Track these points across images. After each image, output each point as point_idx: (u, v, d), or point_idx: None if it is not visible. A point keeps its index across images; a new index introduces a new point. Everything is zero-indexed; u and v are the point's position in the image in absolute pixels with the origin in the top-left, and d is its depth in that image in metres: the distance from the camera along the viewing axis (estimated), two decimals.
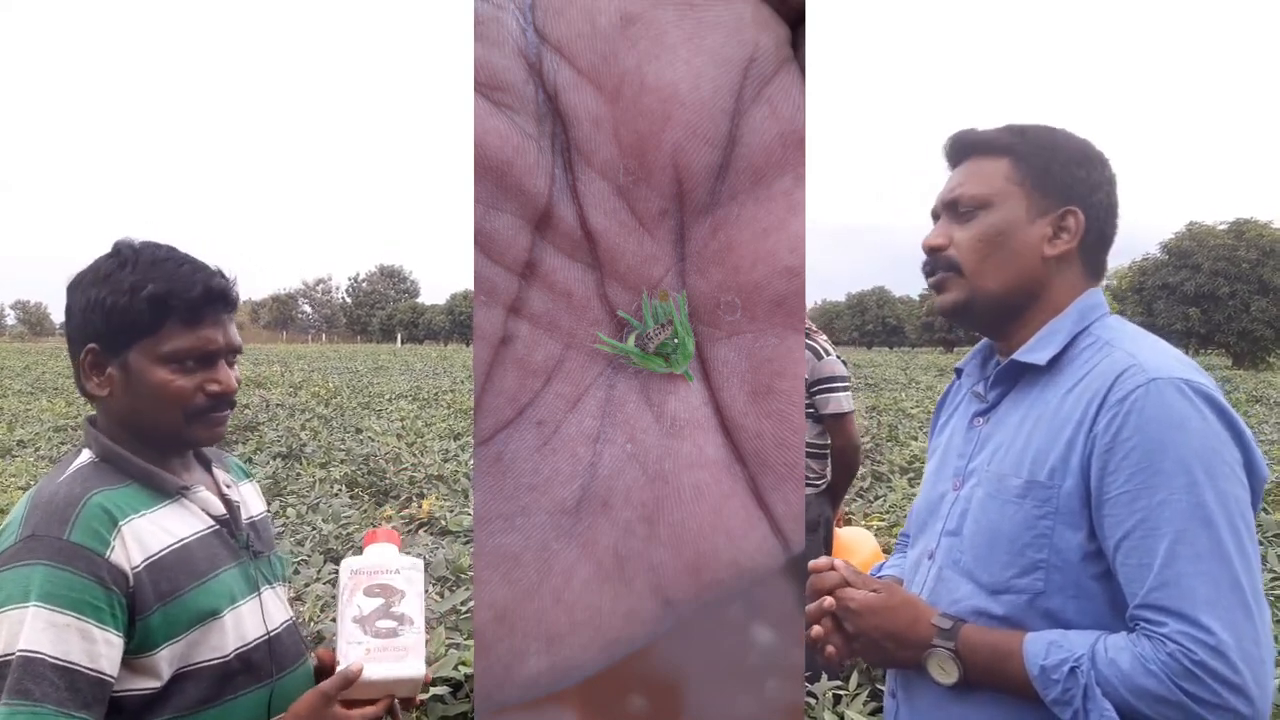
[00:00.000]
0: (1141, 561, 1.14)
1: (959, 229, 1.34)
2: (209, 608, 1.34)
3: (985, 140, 1.35)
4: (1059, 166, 1.32)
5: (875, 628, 1.29)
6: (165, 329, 1.34)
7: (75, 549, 1.24)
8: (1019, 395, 1.34)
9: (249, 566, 1.45)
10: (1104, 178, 1.35)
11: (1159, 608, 1.12)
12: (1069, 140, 1.35)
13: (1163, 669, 1.10)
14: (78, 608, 1.22)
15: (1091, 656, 1.15)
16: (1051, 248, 1.32)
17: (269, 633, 1.43)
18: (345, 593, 1.41)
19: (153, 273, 1.34)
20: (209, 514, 1.42)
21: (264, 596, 1.45)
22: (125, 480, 1.35)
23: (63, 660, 1.21)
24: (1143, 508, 1.15)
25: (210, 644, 1.34)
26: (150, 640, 1.28)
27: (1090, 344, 1.30)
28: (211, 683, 1.34)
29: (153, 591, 1.29)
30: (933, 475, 1.47)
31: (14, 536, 1.26)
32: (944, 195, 1.37)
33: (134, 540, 1.29)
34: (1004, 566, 1.25)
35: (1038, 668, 1.17)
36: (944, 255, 1.35)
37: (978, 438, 1.37)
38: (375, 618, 1.39)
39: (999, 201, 1.32)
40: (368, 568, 1.42)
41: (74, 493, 1.29)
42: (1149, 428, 1.16)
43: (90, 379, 1.36)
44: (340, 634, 1.39)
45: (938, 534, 1.37)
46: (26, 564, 1.23)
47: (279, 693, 1.42)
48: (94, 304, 1.34)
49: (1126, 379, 1.20)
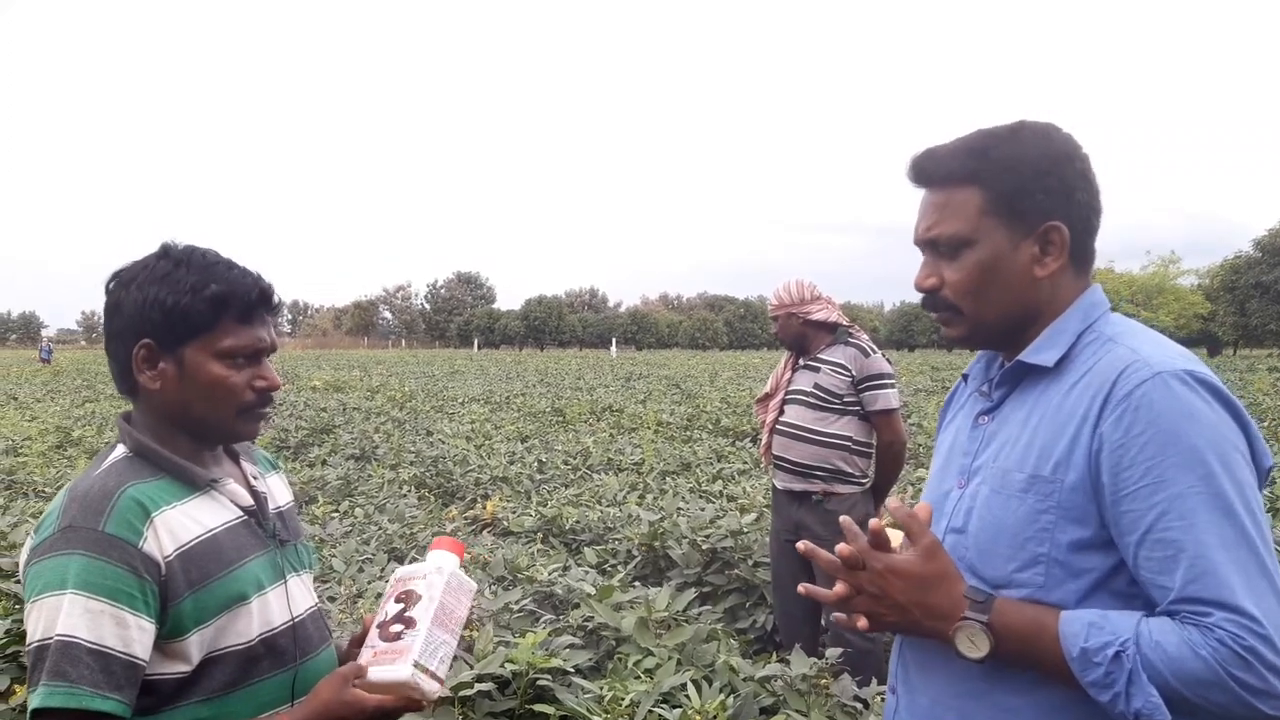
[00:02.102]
0: (1168, 554, 1.13)
1: (947, 268, 1.33)
2: (237, 594, 1.39)
3: (948, 170, 1.31)
4: (1029, 183, 1.27)
5: (904, 592, 1.23)
6: (222, 327, 1.42)
7: (110, 539, 1.30)
8: (1023, 394, 1.33)
9: (275, 555, 1.50)
10: (1076, 172, 1.29)
11: (1200, 599, 1.12)
12: (1032, 146, 1.29)
13: (1213, 655, 1.09)
14: (112, 595, 1.28)
15: (1136, 640, 1.13)
16: (1042, 268, 1.30)
17: (294, 618, 1.49)
18: (385, 599, 1.48)
19: (211, 274, 1.42)
20: (237, 505, 1.48)
21: (290, 584, 1.51)
22: (158, 474, 1.41)
23: (98, 645, 1.27)
24: (1163, 500, 1.14)
25: (237, 629, 1.39)
26: (181, 626, 1.34)
27: (1092, 340, 1.29)
28: (238, 666, 1.40)
29: (184, 579, 1.34)
30: (938, 474, 1.46)
31: (52, 528, 1.32)
32: (921, 233, 1.35)
33: (166, 531, 1.35)
34: (1006, 560, 1.25)
35: (1077, 649, 1.15)
36: (940, 297, 1.34)
37: (983, 436, 1.37)
38: (391, 623, 1.44)
39: (980, 237, 1.29)
40: (406, 574, 1.49)
41: (109, 486, 1.35)
42: (1160, 421, 1.15)
43: (143, 372, 1.43)
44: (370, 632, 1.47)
45: (943, 531, 1.36)
46: (64, 554, 1.29)
47: (303, 676, 1.48)
48: (152, 301, 1.40)
49: (1131, 374, 1.19)
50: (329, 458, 9.39)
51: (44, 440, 10.51)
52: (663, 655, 3.28)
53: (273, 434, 11.06)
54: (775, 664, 3.17)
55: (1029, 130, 1.30)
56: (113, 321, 1.44)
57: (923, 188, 1.36)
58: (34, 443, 10.26)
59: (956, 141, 1.33)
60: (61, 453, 9.76)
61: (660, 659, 3.25)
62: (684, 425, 12.90)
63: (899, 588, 1.23)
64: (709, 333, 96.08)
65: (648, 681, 2.98)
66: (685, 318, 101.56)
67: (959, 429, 1.45)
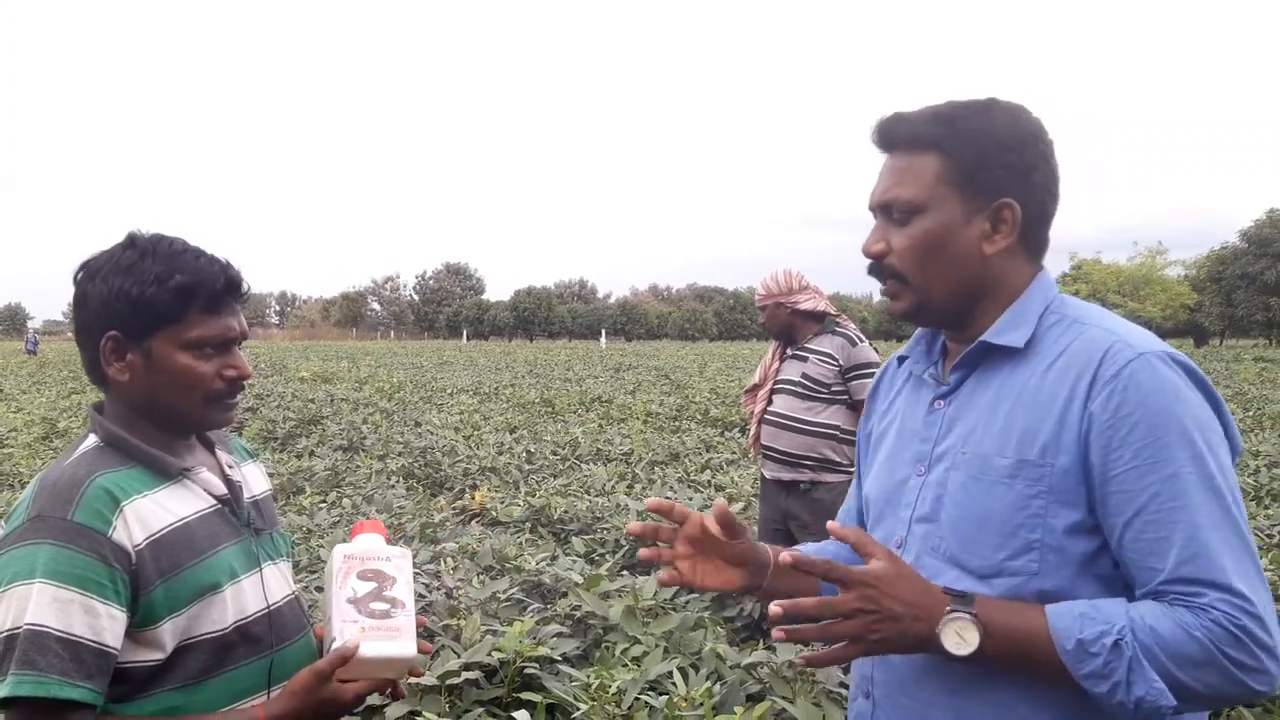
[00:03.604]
0: (1160, 535, 1.13)
1: (896, 234, 1.30)
2: (209, 583, 1.39)
3: (914, 133, 1.29)
4: (990, 158, 1.26)
5: (893, 595, 1.17)
6: (189, 317, 1.40)
7: (79, 528, 1.29)
8: (985, 376, 1.31)
9: (250, 543, 1.49)
10: (1038, 154, 1.29)
11: (1192, 579, 1.12)
12: (999, 122, 1.28)
13: (1207, 635, 1.09)
14: (81, 584, 1.28)
15: (1131, 627, 1.12)
16: (991, 245, 1.28)
17: (269, 606, 1.48)
18: (338, 576, 1.44)
19: (176, 264, 1.40)
20: (210, 494, 1.47)
21: (265, 572, 1.50)
22: (129, 463, 1.40)
23: (67, 633, 1.26)
24: (1154, 482, 1.14)
25: (211, 617, 1.39)
26: (153, 614, 1.34)
27: (1056, 322, 1.29)
28: (212, 654, 1.39)
29: (154, 568, 1.34)
30: (886, 462, 1.41)
31: (22, 517, 1.32)
32: (878, 196, 1.32)
33: (136, 520, 1.34)
34: (995, 549, 1.22)
35: (1073, 641, 1.13)
36: (887, 264, 1.32)
37: (941, 421, 1.33)
38: (369, 600, 1.43)
39: (933, 205, 1.27)
40: (360, 553, 1.47)
41: (78, 475, 1.35)
42: (1150, 401, 1.15)
43: (111, 364, 1.42)
44: (334, 613, 1.43)
45: (905, 521, 1.33)
46: (33, 543, 1.29)
47: (279, 663, 1.47)
48: (118, 293, 1.39)
49: (1115, 355, 1.19)
50: (317, 448, 9.37)
51: (30, 432, 10.47)
52: (650, 643, 3.30)
53: (260, 424, 11.03)
54: (762, 651, 3.18)
55: (999, 107, 1.30)
56: (81, 313, 1.43)
57: (886, 152, 1.34)
58: (20, 434, 10.23)
59: (926, 108, 1.32)
60: (47, 444, 9.72)
61: (647, 647, 3.26)
62: (673, 416, 12.92)
63: (889, 594, 1.16)
64: (698, 324, 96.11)
65: (635, 669, 2.99)
66: (674, 309, 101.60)
67: (904, 414, 1.42)
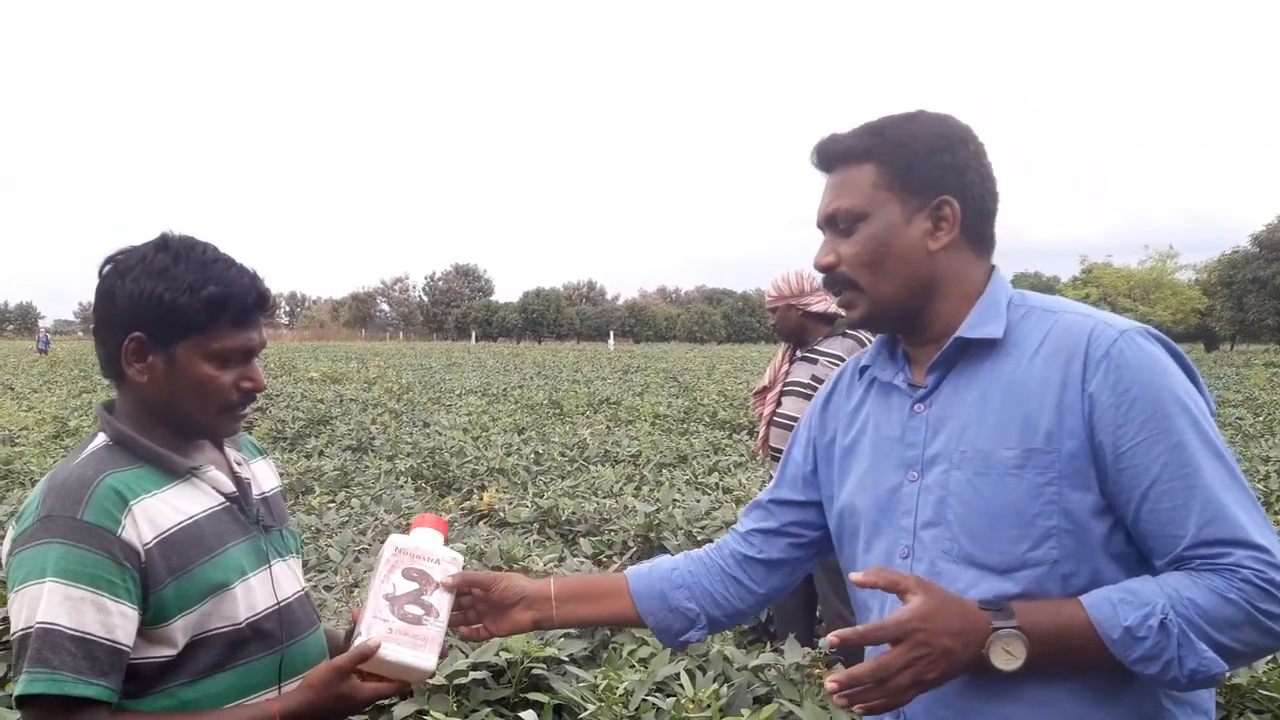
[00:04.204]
0: (1177, 503, 1.16)
1: (843, 244, 1.35)
2: (219, 580, 1.40)
3: (847, 148, 1.35)
4: (921, 159, 1.31)
5: (941, 631, 1.15)
6: (217, 328, 1.40)
7: (88, 528, 1.30)
8: (965, 373, 1.32)
9: (259, 540, 1.50)
10: (969, 154, 1.33)
11: (1217, 540, 1.15)
12: (927, 127, 1.33)
13: (1240, 595, 1.12)
14: (92, 582, 1.29)
15: (1171, 605, 1.14)
16: (934, 241, 1.32)
17: (279, 603, 1.49)
18: (384, 567, 1.42)
19: (209, 273, 1.40)
20: (219, 492, 1.47)
21: (274, 569, 1.51)
22: (137, 462, 1.41)
23: (79, 631, 1.28)
24: (1163, 451, 1.17)
25: (222, 613, 1.40)
26: (164, 612, 1.35)
27: (1026, 313, 1.32)
28: (224, 649, 1.40)
29: (164, 566, 1.35)
30: (869, 473, 1.40)
31: (32, 517, 1.33)
32: (822, 211, 1.38)
33: (144, 519, 1.35)
34: (1014, 541, 1.22)
35: (1119, 630, 1.14)
36: (839, 273, 1.36)
37: (925, 424, 1.34)
38: (405, 600, 1.41)
39: (873, 210, 1.32)
40: (412, 549, 1.45)
41: (86, 475, 1.35)
42: (1143, 376, 1.20)
43: (132, 364, 1.42)
44: (368, 605, 1.41)
45: (909, 529, 1.32)
46: (43, 543, 1.30)
47: (289, 658, 1.48)
48: (148, 295, 1.38)
49: (1100, 336, 1.23)
50: (326, 448, 9.40)
51: (41, 430, 10.51)
52: (657, 645, 3.29)
53: (270, 424, 11.07)
54: (769, 653, 3.18)
55: (925, 114, 1.35)
56: (105, 308, 1.43)
57: (826, 171, 1.39)
58: (31, 433, 10.28)
59: (858, 126, 1.37)
60: (58, 443, 9.77)
61: (654, 648, 3.26)
62: (681, 418, 12.92)
63: (937, 629, 1.15)
64: (707, 326, 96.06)
65: (642, 671, 2.99)
66: (683, 311, 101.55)
67: (877, 423, 1.41)
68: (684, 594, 1.53)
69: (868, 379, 1.47)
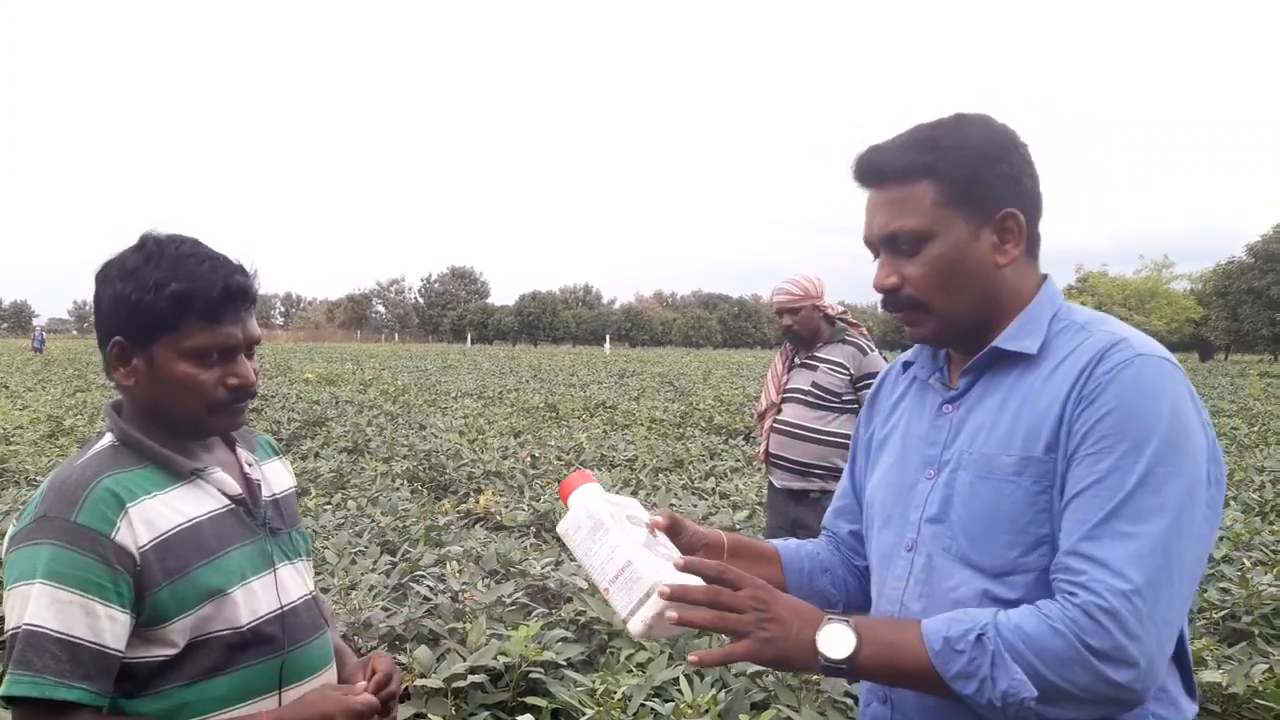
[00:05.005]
0: (1083, 517, 1.15)
1: (907, 265, 1.30)
2: (217, 585, 1.38)
3: (905, 165, 1.29)
4: (981, 172, 1.27)
5: (779, 601, 1.21)
6: (187, 326, 1.37)
7: (81, 530, 1.29)
8: (994, 380, 1.32)
9: (265, 543, 1.49)
10: (1021, 158, 1.30)
11: (1085, 555, 1.13)
12: (979, 135, 1.29)
13: (1068, 626, 1.10)
14: (81, 586, 1.28)
15: (995, 624, 1.13)
16: (1003, 256, 1.29)
17: (283, 607, 1.47)
18: (611, 521, 1.31)
19: (176, 270, 1.37)
20: (225, 493, 1.46)
21: (280, 572, 1.50)
22: (141, 463, 1.41)
23: (65, 634, 1.27)
24: (1103, 469, 1.15)
25: (224, 617, 1.39)
26: (161, 614, 1.34)
27: (1064, 328, 1.30)
28: (223, 652, 1.39)
29: (160, 569, 1.34)
30: (894, 466, 1.42)
31: (30, 517, 1.33)
32: (878, 231, 1.32)
33: (141, 521, 1.34)
34: (1007, 547, 1.23)
35: (940, 640, 1.14)
36: (903, 295, 1.32)
37: (949, 425, 1.35)
38: (652, 546, 1.32)
39: (940, 230, 1.27)
40: (616, 501, 1.36)
41: (85, 476, 1.34)
42: (1127, 396, 1.17)
43: (117, 369, 1.42)
44: (634, 557, 1.27)
45: (915, 524, 1.34)
46: (36, 543, 1.30)
47: (290, 663, 1.47)
48: (120, 298, 1.37)
49: (1114, 353, 1.21)
50: (321, 450, 9.38)
51: (36, 429, 10.49)
52: (654, 649, 3.29)
53: (265, 425, 11.05)
54: None
55: (971, 120, 1.31)
56: (95, 315, 1.43)
57: (872, 187, 1.33)
58: (26, 431, 10.24)
59: (901, 137, 1.32)
60: (53, 442, 9.74)
61: (652, 653, 3.26)
62: (677, 422, 12.92)
63: (777, 600, 1.21)
64: (703, 330, 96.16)
65: (640, 675, 2.99)
66: (679, 315, 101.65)
67: (910, 419, 1.43)
68: (828, 578, 1.54)
69: (910, 375, 1.48)
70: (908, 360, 1.50)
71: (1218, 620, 4.12)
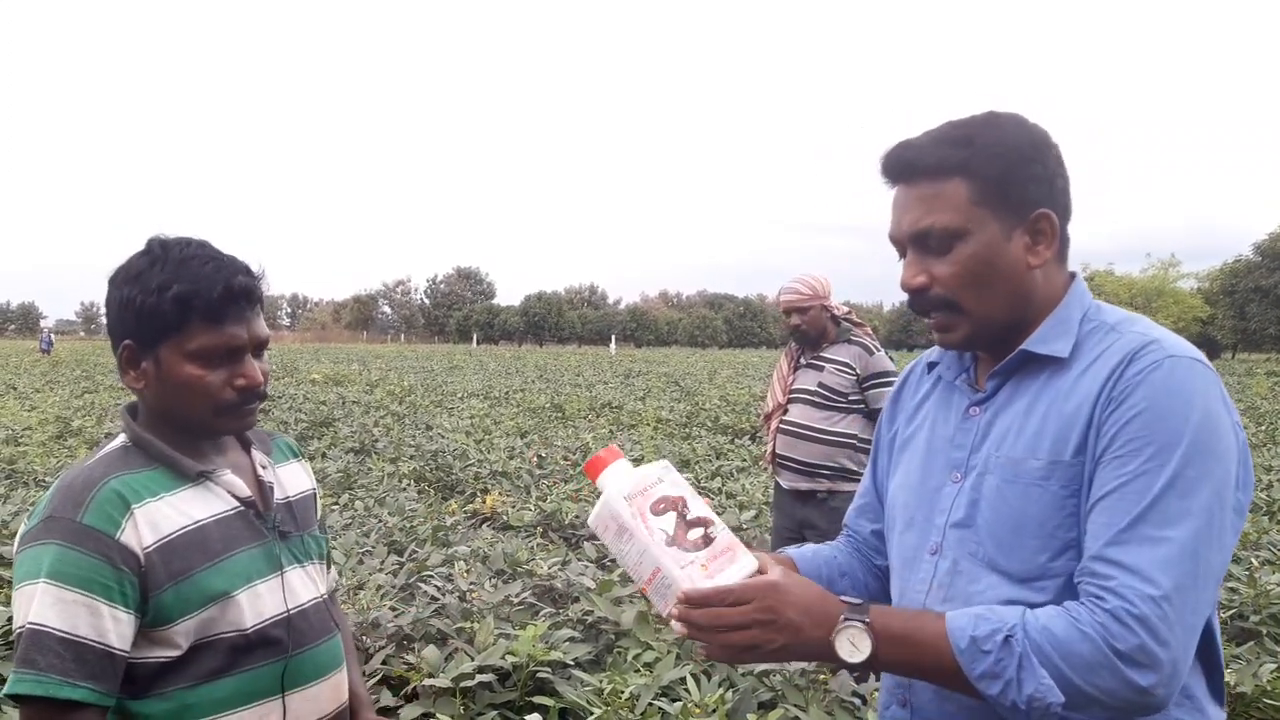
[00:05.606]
0: (1110, 521, 1.13)
1: (937, 263, 1.27)
2: (220, 588, 1.39)
3: (937, 161, 1.25)
4: (1017, 171, 1.24)
5: (790, 603, 1.18)
6: (190, 328, 1.38)
7: (86, 530, 1.30)
8: (1022, 383, 1.30)
9: (273, 546, 1.49)
10: (1054, 158, 1.27)
11: (1112, 560, 1.11)
12: (1014, 134, 1.26)
13: (1096, 630, 1.08)
14: (85, 585, 1.29)
15: (1024, 625, 1.11)
16: (1036, 257, 1.27)
17: (289, 610, 1.47)
18: (634, 521, 1.25)
19: (179, 272, 1.38)
20: (234, 496, 1.47)
21: (288, 575, 1.49)
22: (151, 464, 1.41)
23: (69, 634, 1.28)
24: (1130, 472, 1.13)
25: (229, 619, 1.39)
26: (165, 615, 1.35)
27: (1093, 329, 1.28)
28: (227, 655, 1.40)
29: (164, 571, 1.34)
30: (919, 469, 1.39)
31: (38, 517, 1.34)
32: (907, 228, 1.28)
33: (146, 523, 1.35)
34: (1035, 552, 1.21)
35: (966, 639, 1.12)
36: (933, 295, 1.28)
37: (976, 428, 1.33)
38: (683, 532, 1.26)
39: (973, 229, 1.24)
40: (636, 489, 1.28)
41: (93, 477, 1.35)
42: (1157, 398, 1.15)
43: (128, 373, 1.43)
44: (662, 564, 1.23)
45: (940, 527, 1.32)
46: (42, 543, 1.31)
47: (295, 666, 1.47)
48: (126, 302, 1.38)
49: (1144, 355, 1.19)
50: (329, 450, 9.39)
51: (44, 430, 10.52)
52: (662, 649, 3.30)
53: (272, 426, 11.07)
54: None
55: (1005, 118, 1.28)
56: (107, 320, 1.44)
57: (901, 183, 1.30)
58: (34, 433, 10.28)
59: (933, 133, 1.28)
60: (61, 443, 9.77)
61: (660, 653, 3.27)
62: (683, 422, 12.93)
63: (787, 601, 1.18)
64: (708, 330, 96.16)
65: (648, 675, 2.99)
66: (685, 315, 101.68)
67: (936, 420, 1.40)
68: (847, 582, 1.52)
69: (935, 375, 1.46)
70: (932, 360, 1.47)
71: (1225, 620, 4.11)
